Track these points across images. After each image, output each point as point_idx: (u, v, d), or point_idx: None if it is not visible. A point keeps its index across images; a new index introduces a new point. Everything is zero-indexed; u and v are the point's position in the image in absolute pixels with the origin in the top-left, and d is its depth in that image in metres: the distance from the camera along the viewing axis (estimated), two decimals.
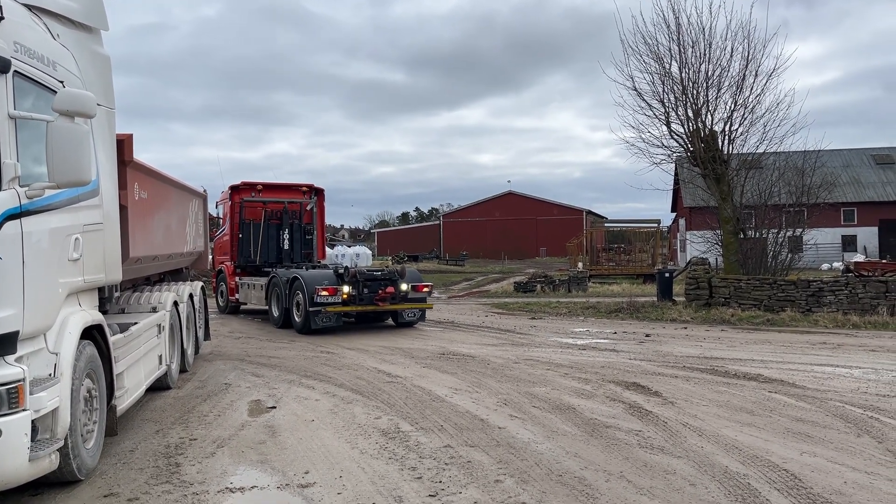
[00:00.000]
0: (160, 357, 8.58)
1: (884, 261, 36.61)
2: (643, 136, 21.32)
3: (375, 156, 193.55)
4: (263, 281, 17.06)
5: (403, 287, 15.15)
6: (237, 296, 19.02)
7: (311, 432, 6.99)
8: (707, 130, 20.61)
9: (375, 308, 15.01)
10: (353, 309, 14.75)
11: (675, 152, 21.57)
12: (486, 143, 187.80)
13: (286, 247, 18.71)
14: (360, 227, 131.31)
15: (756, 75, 20.19)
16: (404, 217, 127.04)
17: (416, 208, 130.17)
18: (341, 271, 14.86)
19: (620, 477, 5.45)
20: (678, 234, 53.24)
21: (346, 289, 14.46)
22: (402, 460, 6.00)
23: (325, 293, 14.30)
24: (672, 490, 5.14)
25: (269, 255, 18.54)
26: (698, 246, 33.56)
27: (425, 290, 15.83)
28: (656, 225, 38.61)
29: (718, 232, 21.94)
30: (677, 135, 20.95)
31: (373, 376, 9.92)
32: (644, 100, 21.00)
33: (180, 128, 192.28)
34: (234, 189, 18.86)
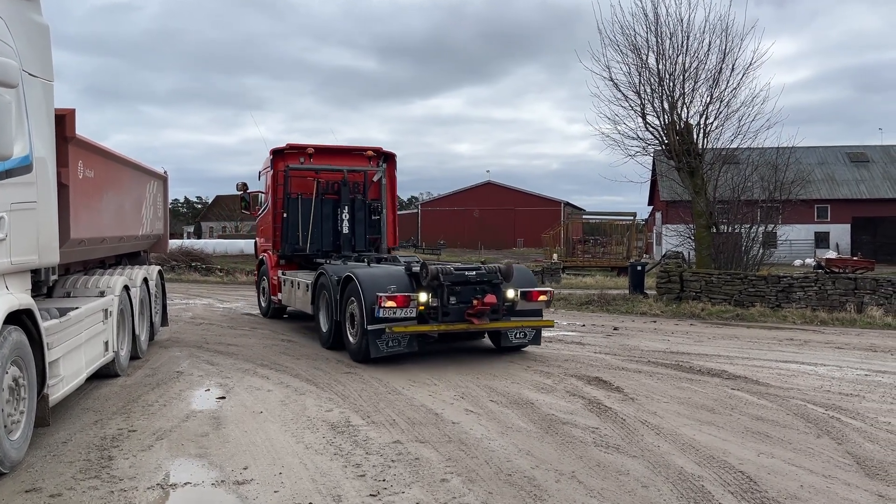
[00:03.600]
0: (106, 343, 8.23)
1: (855, 258, 36.97)
2: (619, 127, 21.14)
3: (353, 143, 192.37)
4: (309, 278, 11.98)
5: (510, 294, 9.86)
6: (280, 295, 14.07)
7: (257, 425, 6.72)
8: (682, 123, 20.49)
9: (468, 327, 9.59)
10: (435, 329, 9.47)
11: (650, 145, 21.43)
12: (464, 132, 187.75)
13: (345, 230, 13.87)
14: None
15: (733, 69, 20.07)
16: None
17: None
18: (416, 269, 9.73)
19: (572, 477, 5.24)
20: (654, 228, 53.44)
21: (422, 297, 9.32)
22: (347, 456, 5.75)
23: (390, 304, 9.12)
24: (623, 492, 4.95)
25: (323, 241, 13.89)
26: (673, 239, 33.63)
27: (542, 298, 10.13)
28: (632, 218, 38.61)
29: (692, 226, 21.90)
30: (653, 127, 20.81)
31: (331, 367, 9.64)
32: (620, 91, 20.82)
33: (153, 110, 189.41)
34: (278, 154, 14.16)
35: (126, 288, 9.23)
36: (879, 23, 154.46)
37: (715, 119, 20.47)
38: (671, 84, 20.39)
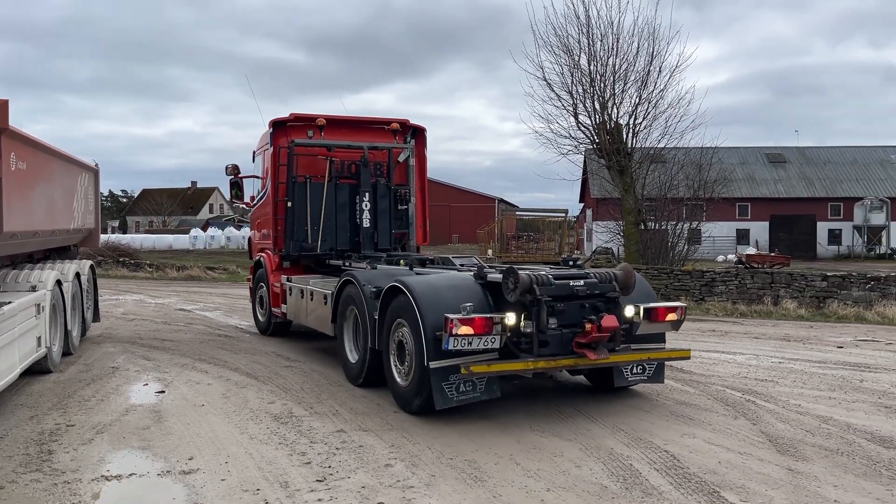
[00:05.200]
0: (39, 339, 8.08)
1: (772, 254, 38.85)
2: (552, 126, 21.70)
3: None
4: (328, 287, 8.96)
5: (628, 312, 6.75)
6: (284, 307, 10.80)
7: (199, 417, 6.75)
8: (613, 123, 21.18)
9: (577, 363, 6.51)
10: (531, 367, 6.38)
11: (582, 144, 22.08)
12: None
13: (366, 224, 10.95)
14: None
15: (660, 71, 20.89)
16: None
17: None
18: (494, 276, 6.69)
19: (510, 459, 5.51)
20: (585, 224, 54.73)
21: (510, 318, 6.24)
22: (292, 445, 5.87)
23: (466, 330, 6.00)
24: (558, 472, 5.25)
25: (338, 237, 10.93)
26: (603, 236, 34.60)
27: (671, 317, 6.92)
28: (564, 215, 39.50)
29: (621, 223, 22.66)
30: (585, 126, 21.44)
31: (270, 360, 9.69)
32: (553, 90, 21.37)
33: (71, 100, 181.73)
34: (279, 127, 11.00)
35: (58, 283, 9.05)
36: (793, 30, 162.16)
37: (643, 119, 21.27)
38: (602, 85, 21.06)
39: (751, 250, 42.65)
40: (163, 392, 7.79)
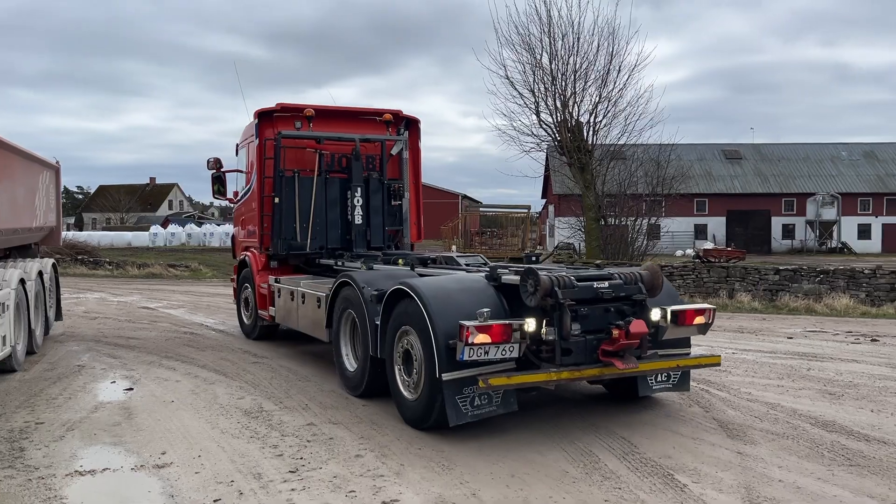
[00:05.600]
0: (4, 338, 8.05)
1: (729, 248, 39.86)
2: (514, 124, 22.05)
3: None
4: (321, 289, 8.38)
5: (654, 315, 6.15)
6: (272, 310, 10.11)
7: (169, 413, 6.84)
8: (574, 121, 21.60)
9: (602, 372, 5.94)
10: (554, 378, 5.78)
11: (544, 141, 22.47)
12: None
13: (357, 220, 10.44)
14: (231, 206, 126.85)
15: (619, 70, 21.39)
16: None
17: None
18: (510, 277, 6.18)
19: (477, 449, 5.72)
20: (547, 220, 55.36)
21: (529, 324, 5.67)
22: (263, 439, 6.01)
23: (482, 338, 5.48)
24: (524, 461, 5.47)
25: (329, 235, 10.48)
26: (565, 231, 35.09)
27: (699, 321, 6.39)
28: (527, 210, 39.97)
29: (582, 219, 23.11)
30: (546, 124, 21.85)
31: (238, 357, 9.77)
32: (516, 88, 21.73)
33: (23, 93, 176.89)
34: (265, 117, 10.43)
35: (22, 281, 9.00)
36: (747, 29, 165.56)
37: (604, 117, 21.76)
38: (563, 83, 21.47)
39: (708, 245, 43.67)
40: (131, 389, 7.84)
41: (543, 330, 5.71)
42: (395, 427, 6.32)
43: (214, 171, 11.93)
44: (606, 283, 6.03)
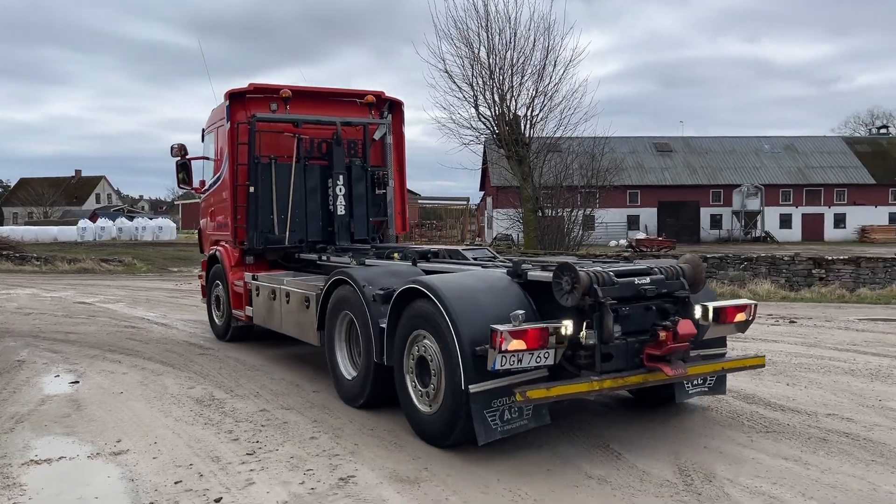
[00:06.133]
0: None
1: (660, 238, 41.29)
2: (453, 117, 22.39)
3: (174, 123, 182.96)
4: (310, 288, 7.63)
5: (696, 313, 5.51)
6: (249, 310, 9.27)
7: (120, 404, 6.89)
8: (511, 114, 22.07)
9: (646, 379, 5.20)
10: (597, 388, 4.98)
11: (482, 134, 22.89)
12: None
13: (340, 211, 9.72)
14: (162, 199, 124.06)
15: (555, 65, 21.95)
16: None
17: None
18: (535, 272, 5.53)
19: None
20: (486, 212, 56.02)
21: (566, 327, 4.94)
22: (218, 425, 6.16)
23: (517, 345, 4.73)
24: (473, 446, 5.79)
25: (309, 227, 9.68)
26: (503, 223, 35.69)
27: (739, 318, 5.72)
28: (466, 202, 40.49)
29: (520, 210, 23.66)
30: (485, 117, 22.26)
31: (184, 349, 9.80)
32: (455, 82, 22.04)
33: None
34: (236, 99, 9.67)
35: None
36: (675, 24, 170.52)
37: (540, 111, 22.32)
38: (501, 77, 21.91)
39: (641, 235, 45.08)
40: (77, 382, 7.82)
41: (583, 333, 4.95)
42: (347, 410, 6.55)
43: (179, 158, 11.02)
44: (648, 279, 5.36)
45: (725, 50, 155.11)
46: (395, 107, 10.54)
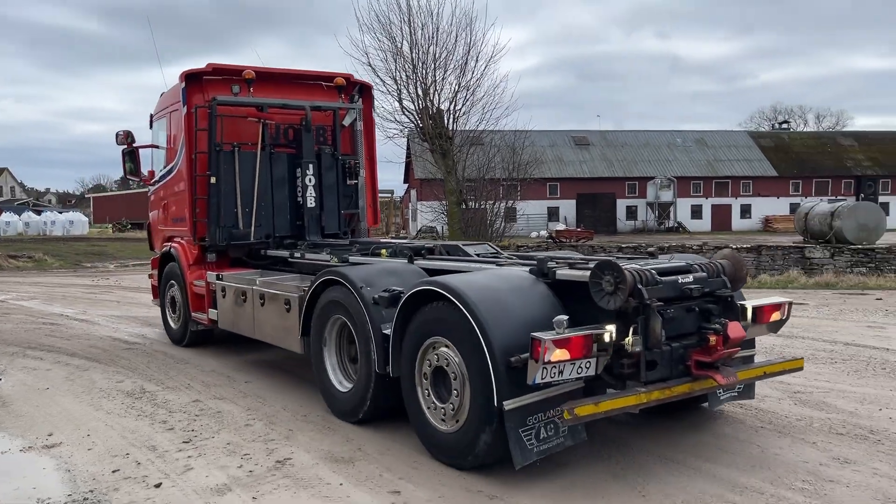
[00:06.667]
0: None
1: (579, 229, 42.59)
2: (377, 110, 22.52)
3: (80, 112, 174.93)
4: (289, 289, 6.96)
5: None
6: (213, 313, 8.42)
7: (47, 399, 6.86)
8: (434, 108, 22.40)
9: (691, 389, 4.73)
10: (644, 401, 4.45)
11: (406, 127, 23.13)
12: None
13: (310, 203, 9.02)
14: (71, 192, 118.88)
15: (477, 60, 22.40)
16: (125, 181, 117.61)
17: None
18: (564, 271, 4.98)
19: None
20: (410, 204, 56.27)
21: (610, 333, 4.37)
22: (151, 416, 6.24)
23: (561, 355, 4.19)
24: (400, 420, 6.09)
25: (276, 221, 8.95)
26: (427, 215, 36.10)
27: (775, 317, 5.38)
28: (390, 195, 40.64)
29: (444, 202, 24.08)
30: (408, 111, 22.50)
31: (109, 344, 9.70)
32: (378, 76, 22.18)
33: None
34: (193, 81, 8.83)
35: None
36: (591, 19, 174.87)
37: (463, 105, 22.74)
38: (424, 71, 22.19)
39: (560, 226, 46.35)
40: None
41: (629, 339, 4.39)
42: (280, 399, 6.74)
43: (125, 146, 10.03)
44: (691, 277, 4.91)
45: (639, 45, 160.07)
46: (365, 91, 9.95)
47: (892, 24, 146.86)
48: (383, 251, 7.13)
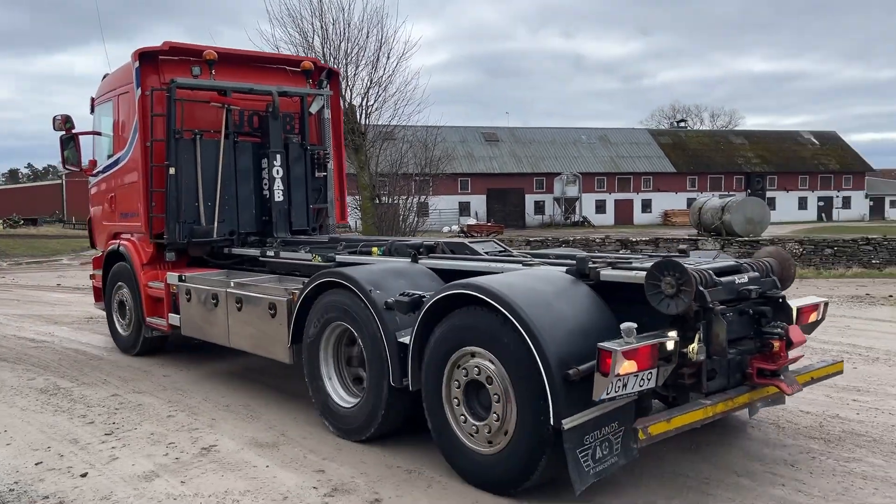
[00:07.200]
0: None
1: (489, 223, 43.55)
2: None
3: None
4: (273, 292, 6.23)
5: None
6: (175, 318, 7.58)
7: None
8: (347, 104, 22.48)
9: (751, 399, 4.51)
10: (710, 414, 4.20)
11: None
12: None
13: (278, 197, 8.33)
14: None
15: (388, 57, 22.63)
16: (13, 175, 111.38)
17: (29, 164, 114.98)
18: (608, 271, 4.49)
19: (277, 403, 6.50)
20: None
21: (671, 340, 4.00)
22: (69, 411, 6.26)
23: (628, 366, 3.75)
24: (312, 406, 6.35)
25: (242, 215, 8.27)
26: None
27: (813, 318, 5.15)
28: None
29: (358, 197, 24.21)
30: None
31: (14, 343, 9.46)
32: None
33: None
34: (148, 60, 8.02)
35: None
36: (499, 17, 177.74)
37: (375, 101, 22.91)
38: (335, 67, 22.21)
39: (471, 221, 47.23)
40: None
41: (694, 347, 4.04)
42: (200, 391, 6.87)
43: (63, 132, 9.15)
44: (746, 278, 4.59)
45: (545, 44, 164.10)
46: (333, 77, 9.34)
47: (778, 29, 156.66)
48: (374, 249, 6.54)
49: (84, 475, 4.79)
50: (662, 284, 3.99)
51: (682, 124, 79.73)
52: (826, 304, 5.25)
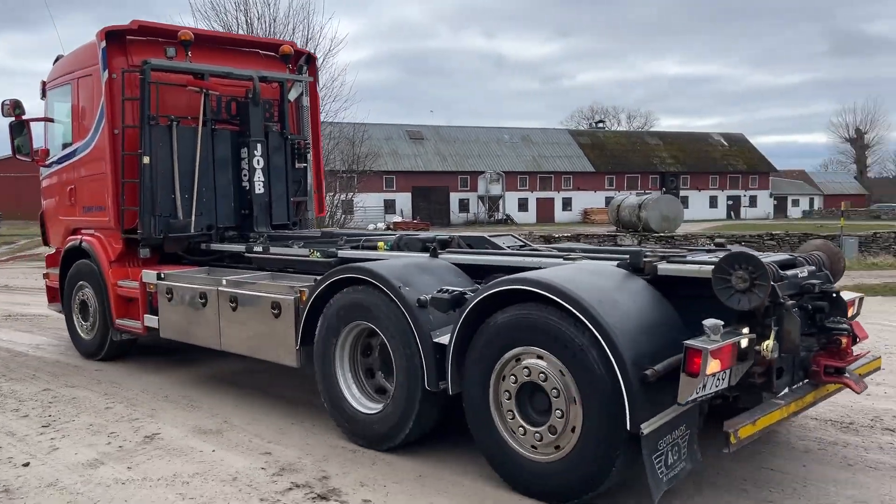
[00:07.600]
0: None
1: (415, 221, 43.86)
2: None
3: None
4: (278, 290, 5.75)
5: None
6: (152, 319, 6.97)
7: None
8: None
9: (816, 397, 4.38)
10: (785, 414, 4.09)
11: None
12: (9, 86, 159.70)
13: (259, 189, 7.84)
14: None
15: (315, 52, 22.57)
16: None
17: None
18: (666, 266, 4.23)
19: (217, 392, 6.58)
20: None
21: (748, 339, 3.78)
22: (0, 406, 6.17)
23: (714, 366, 3.54)
24: (255, 390, 6.47)
25: (220, 209, 7.72)
26: None
27: (851, 312, 4.68)
28: None
29: None
30: None
31: None
32: None
33: None
34: (115, 39, 7.39)
35: None
36: (421, 15, 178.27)
37: None
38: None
39: (397, 218, 47.42)
40: None
41: (768, 345, 3.84)
42: (137, 383, 6.86)
43: (12, 118, 8.44)
44: (805, 272, 4.42)
45: (467, 43, 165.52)
46: (311, 62, 8.80)
47: (690, 34, 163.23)
48: (381, 244, 6.08)
49: (26, 465, 4.79)
50: (733, 279, 3.75)
51: (601, 125, 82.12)
52: (862, 298, 5.04)
